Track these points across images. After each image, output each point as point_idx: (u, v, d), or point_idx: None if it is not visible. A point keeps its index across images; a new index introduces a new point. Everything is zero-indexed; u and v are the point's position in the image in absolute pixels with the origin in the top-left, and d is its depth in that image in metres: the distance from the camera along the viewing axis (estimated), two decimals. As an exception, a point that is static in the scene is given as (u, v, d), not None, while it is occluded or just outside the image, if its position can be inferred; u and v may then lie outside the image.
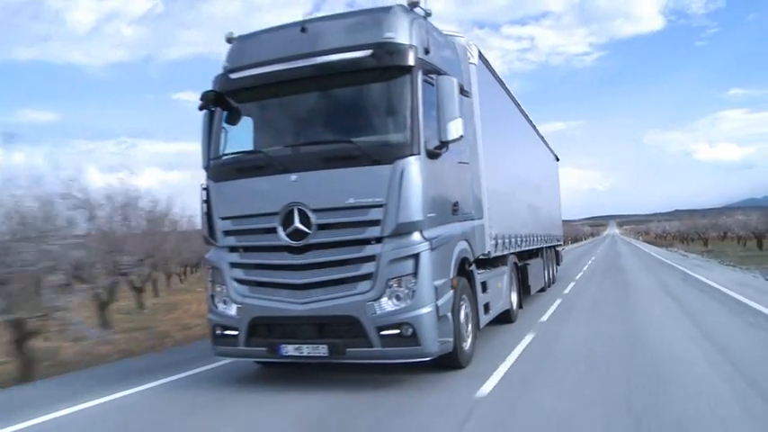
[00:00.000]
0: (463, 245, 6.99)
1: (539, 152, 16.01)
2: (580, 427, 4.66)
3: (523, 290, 11.17)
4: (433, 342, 5.87)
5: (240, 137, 6.88)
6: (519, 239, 10.70)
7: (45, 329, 8.43)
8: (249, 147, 6.86)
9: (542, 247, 14.27)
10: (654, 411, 4.84)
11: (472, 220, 7.52)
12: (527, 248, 11.77)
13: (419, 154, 5.93)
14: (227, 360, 7.29)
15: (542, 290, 14.18)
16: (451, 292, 6.32)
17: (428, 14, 6.65)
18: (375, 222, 5.85)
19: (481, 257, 7.89)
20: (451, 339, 6.22)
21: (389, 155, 5.90)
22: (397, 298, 5.81)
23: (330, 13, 6.77)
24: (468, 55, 8.06)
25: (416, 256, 5.84)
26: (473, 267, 7.36)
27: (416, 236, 5.91)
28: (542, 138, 16.55)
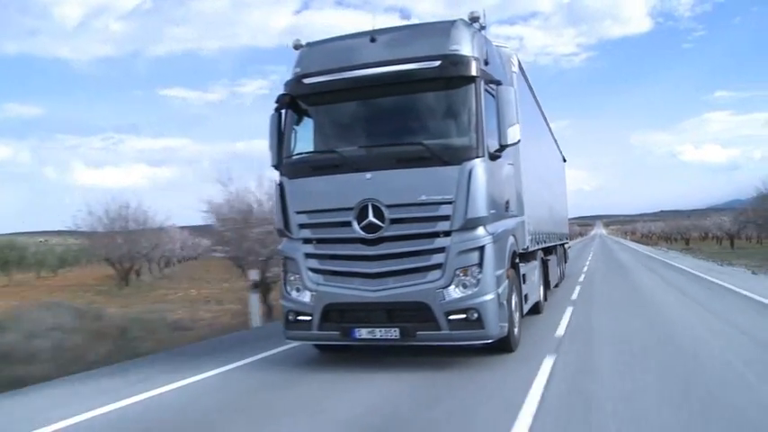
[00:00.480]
0: (512, 239, 7.59)
1: (553, 153, 16.68)
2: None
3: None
4: (495, 326, 6.48)
5: (308, 137, 7.43)
6: (544, 236, 11.37)
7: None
8: (318, 147, 7.38)
9: (556, 244, 14.94)
10: (636, 294, 14.57)
11: (516, 216, 8.13)
12: (548, 245, 12.44)
13: (484, 156, 6.51)
14: None
15: (556, 285, 14.83)
16: (507, 281, 6.94)
17: (483, 27, 7.21)
18: (445, 217, 6.42)
19: (521, 252, 8.51)
20: (507, 324, 6.83)
21: (457, 156, 6.47)
22: (464, 286, 6.40)
23: (397, 25, 7.32)
24: (511, 64, 8.68)
25: (482, 249, 6.44)
26: (517, 260, 7.98)
27: (481, 230, 6.50)
28: (555, 140, 17.22)
